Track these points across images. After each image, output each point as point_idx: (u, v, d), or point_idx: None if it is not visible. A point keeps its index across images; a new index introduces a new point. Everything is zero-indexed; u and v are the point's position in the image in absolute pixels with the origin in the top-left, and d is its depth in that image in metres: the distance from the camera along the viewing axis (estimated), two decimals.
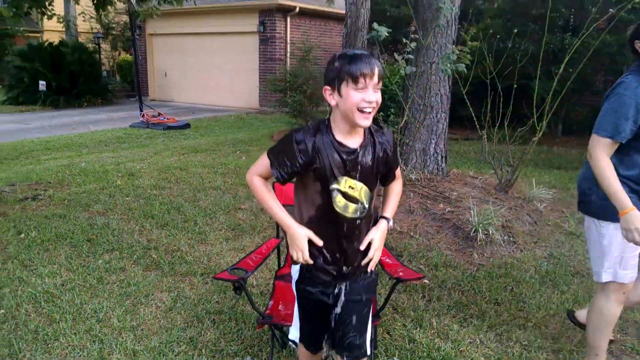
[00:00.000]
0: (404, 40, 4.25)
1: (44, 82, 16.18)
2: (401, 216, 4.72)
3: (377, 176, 2.02)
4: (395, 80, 8.15)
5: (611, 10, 4.82)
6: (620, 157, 2.36)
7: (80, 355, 2.89)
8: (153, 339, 3.05)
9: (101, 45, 20.89)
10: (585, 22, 5.92)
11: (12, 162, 8.52)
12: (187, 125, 12.49)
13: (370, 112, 1.84)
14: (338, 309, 2.03)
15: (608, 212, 2.36)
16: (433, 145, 5.33)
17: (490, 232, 4.26)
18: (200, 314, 3.34)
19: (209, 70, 17.32)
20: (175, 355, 2.90)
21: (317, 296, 2.03)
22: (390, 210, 2.12)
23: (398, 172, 2.18)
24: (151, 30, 18.62)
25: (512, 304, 3.49)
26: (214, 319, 3.28)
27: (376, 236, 2.01)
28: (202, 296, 3.59)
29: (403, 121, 5.00)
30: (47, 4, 8.27)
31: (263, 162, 1.99)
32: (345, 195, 1.92)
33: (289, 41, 15.45)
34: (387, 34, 4.09)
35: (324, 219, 1.95)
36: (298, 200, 2.02)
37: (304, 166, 1.89)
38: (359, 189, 1.93)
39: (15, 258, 4.17)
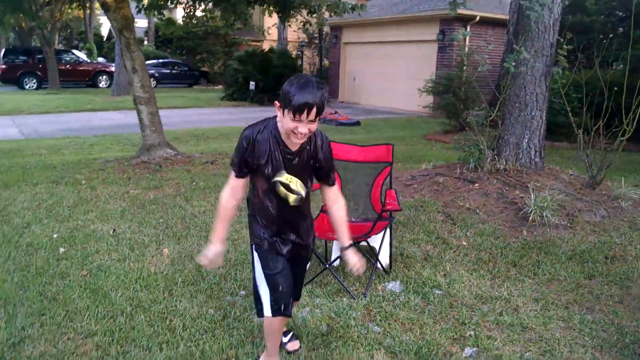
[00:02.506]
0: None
1: (253, 83, 19.27)
2: (475, 197, 5.38)
3: (311, 171, 2.45)
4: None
5: None
6: None
7: (198, 247, 4.39)
8: (242, 247, 4.42)
9: (305, 52, 23.73)
10: None
11: (210, 141, 10.93)
12: (357, 123, 13.98)
13: (301, 137, 2.21)
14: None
15: None
16: (526, 140, 5.79)
17: (544, 215, 4.72)
18: None
19: (390, 76, 18.66)
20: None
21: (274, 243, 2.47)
22: (345, 238, 2.53)
23: (337, 189, 2.52)
24: (346, 39, 20.70)
25: (527, 268, 4.03)
26: None
27: (354, 264, 2.48)
28: None
29: (493, 115, 5.61)
30: (246, 17, 10.44)
31: (231, 174, 2.39)
32: (284, 185, 2.36)
33: (467, 49, 15.95)
34: (461, 37, 4.86)
35: (271, 201, 2.41)
36: (252, 185, 2.48)
37: (251, 159, 2.31)
38: (295, 182, 2.38)
39: (182, 195, 5.97)
